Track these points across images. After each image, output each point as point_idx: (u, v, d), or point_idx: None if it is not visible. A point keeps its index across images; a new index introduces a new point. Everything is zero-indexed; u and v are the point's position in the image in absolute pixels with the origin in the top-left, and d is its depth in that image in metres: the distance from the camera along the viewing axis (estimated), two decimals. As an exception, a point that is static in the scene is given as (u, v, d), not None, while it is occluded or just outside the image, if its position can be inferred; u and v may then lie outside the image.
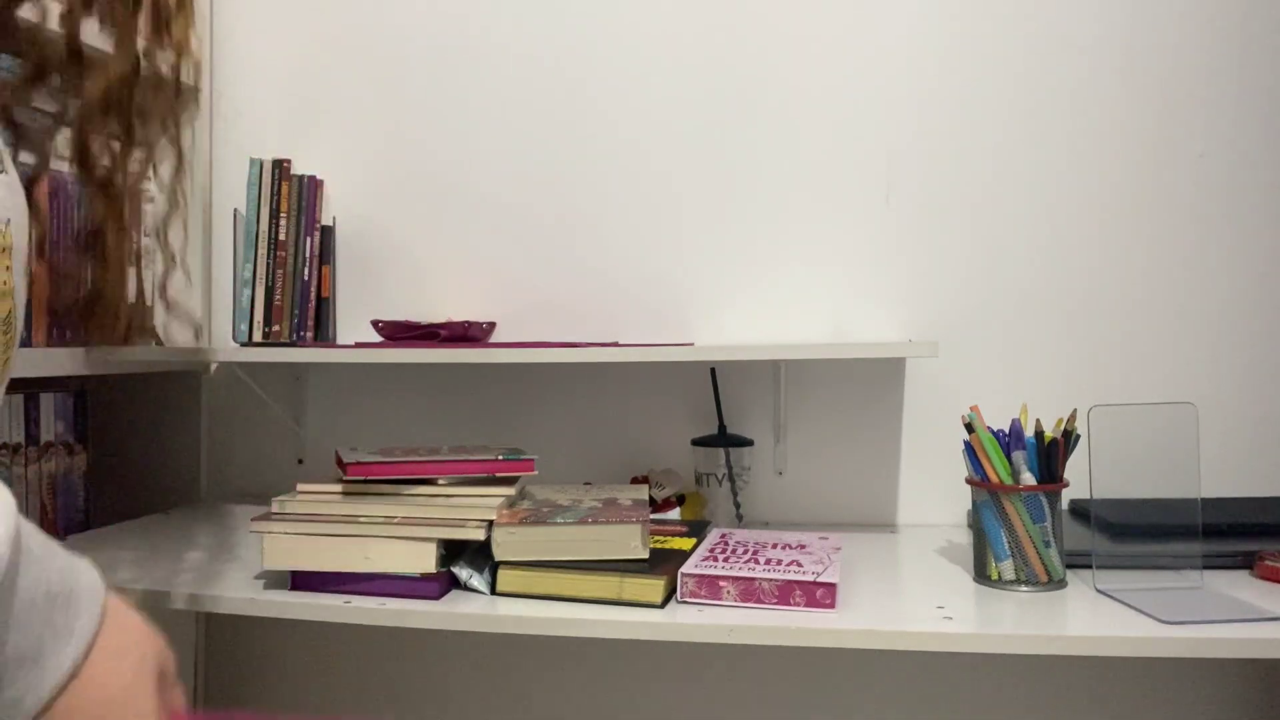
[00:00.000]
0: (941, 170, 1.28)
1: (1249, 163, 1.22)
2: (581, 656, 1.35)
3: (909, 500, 1.29)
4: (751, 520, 1.29)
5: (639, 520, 0.90)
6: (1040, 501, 0.91)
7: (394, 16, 1.40)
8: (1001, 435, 0.94)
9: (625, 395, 1.35)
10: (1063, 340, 1.25)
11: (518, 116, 1.37)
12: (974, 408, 0.97)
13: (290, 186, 1.29)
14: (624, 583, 0.87)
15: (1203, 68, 1.23)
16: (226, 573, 0.99)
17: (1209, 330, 1.23)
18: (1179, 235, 1.23)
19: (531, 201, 1.37)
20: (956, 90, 1.27)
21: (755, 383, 1.31)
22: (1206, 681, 1.21)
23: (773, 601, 0.86)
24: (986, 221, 1.27)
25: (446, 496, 0.93)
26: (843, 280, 1.30)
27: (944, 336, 1.28)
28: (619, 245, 1.35)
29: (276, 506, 0.92)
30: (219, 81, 1.44)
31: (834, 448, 1.30)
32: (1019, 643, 0.79)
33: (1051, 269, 1.26)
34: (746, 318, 1.32)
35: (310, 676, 1.41)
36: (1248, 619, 0.81)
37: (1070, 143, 1.25)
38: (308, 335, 1.28)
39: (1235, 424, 1.22)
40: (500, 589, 0.91)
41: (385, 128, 1.41)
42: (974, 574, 0.97)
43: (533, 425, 1.37)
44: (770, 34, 1.31)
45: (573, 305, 1.35)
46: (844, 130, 1.30)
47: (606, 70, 1.35)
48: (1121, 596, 0.88)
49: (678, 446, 1.33)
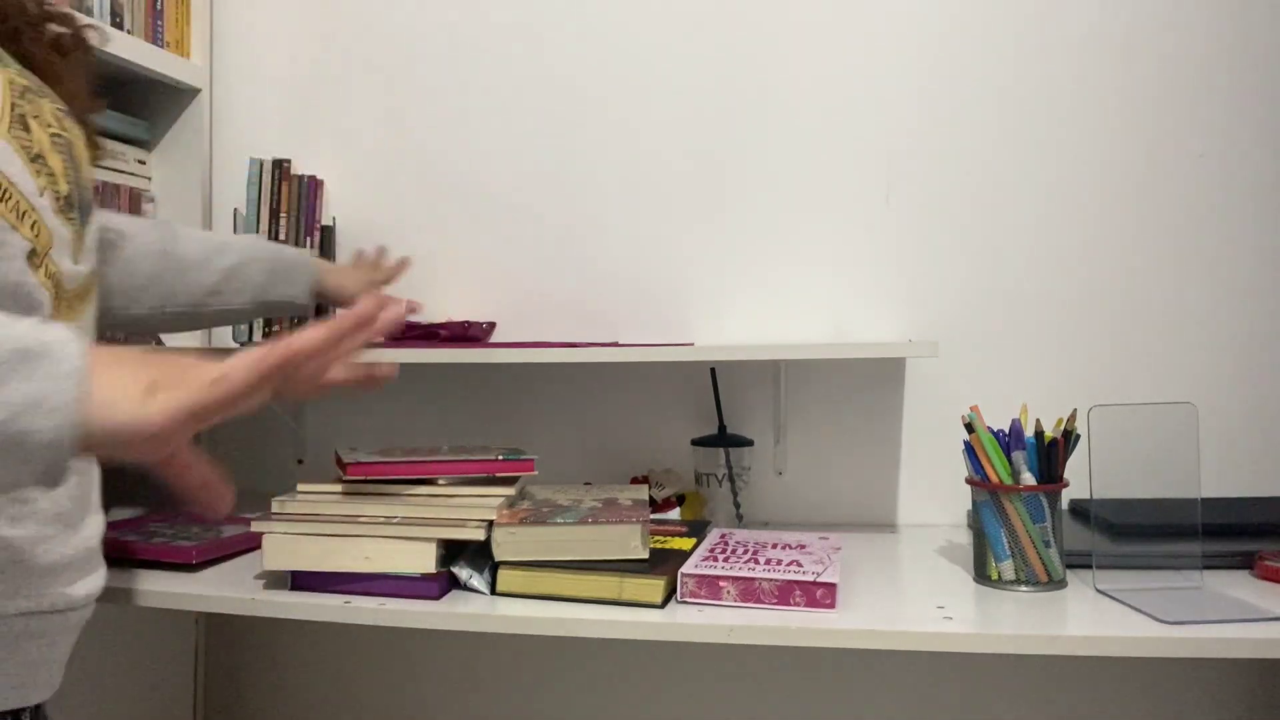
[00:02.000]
0: (941, 170, 1.28)
1: (1248, 163, 1.22)
2: (581, 656, 1.35)
3: (909, 500, 1.29)
4: (751, 520, 1.29)
5: (639, 520, 0.90)
6: (1040, 501, 0.91)
7: (394, 16, 1.40)
8: (1001, 435, 0.94)
9: (625, 395, 1.35)
10: (1063, 340, 1.25)
11: (518, 116, 1.37)
12: (974, 408, 0.97)
13: (290, 186, 1.29)
14: (624, 583, 0.87)
15: (1202, 68, 1.23)
16: (226, 573, 0.99)
17: (1209, 330, 1.23)
18: (1179, 235, 1.23)
19: (532, 201, 1.37)
20: (956, 90, 1.27)
21: (755, 383, 1.31)
22: (1206, 681, 1.21)
23: (773, 601, 0.86)
24: (986, 221, 1.27)
25: (446, 496, 0.93)
26: (843, 280, 1.30)
27: (944, 336, 1.28)
28: (619, 245, 1.35)
29: (276, 506, 0.92)
30: (219, 81, 1.44)
31: (834, 448, 1.30)
32: (1019, 643, 0.79)
33: (1051, 269, 1.26)
34: (746, 318, 1.32)
35: (310, 676, 1.41)
36: (1248, 619, 0.81)
37: (1070, 143, 1.25)
38: None
39: (1235, 424, 1.22)
40: (500, 589, 0.91)
41: (385, 128, 1.41)
42: (974, 574, 0.97)
43: (533, 425, 1.37)
44: (771, 34, 1.31)
45: (573, 305, 1.35)
46: (844, 130, 1.30)
47: (607, 70, 1.35)
48: (1121, 596, 0.88)
49: (678, 446, 1.33)
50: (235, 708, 1.43)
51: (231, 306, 1.06)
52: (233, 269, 1.05)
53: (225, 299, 1.05)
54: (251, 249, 1.08)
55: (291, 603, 0.89)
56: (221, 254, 1.05)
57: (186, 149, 1.39)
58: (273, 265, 1.08)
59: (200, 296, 1.03)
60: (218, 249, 1.05)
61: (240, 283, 1.05)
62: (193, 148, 1.39)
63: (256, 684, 1.43)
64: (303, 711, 1.41)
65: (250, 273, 1.06)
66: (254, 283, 1.06)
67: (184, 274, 1.02)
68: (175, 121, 1.39)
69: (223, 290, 1.04)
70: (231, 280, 1.05)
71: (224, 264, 1.04)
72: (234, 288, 1.05)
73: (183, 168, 1.38)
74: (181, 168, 1.38)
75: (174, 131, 1.39)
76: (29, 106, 0.69)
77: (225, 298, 1.05)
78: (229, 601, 0.91)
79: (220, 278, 1.04)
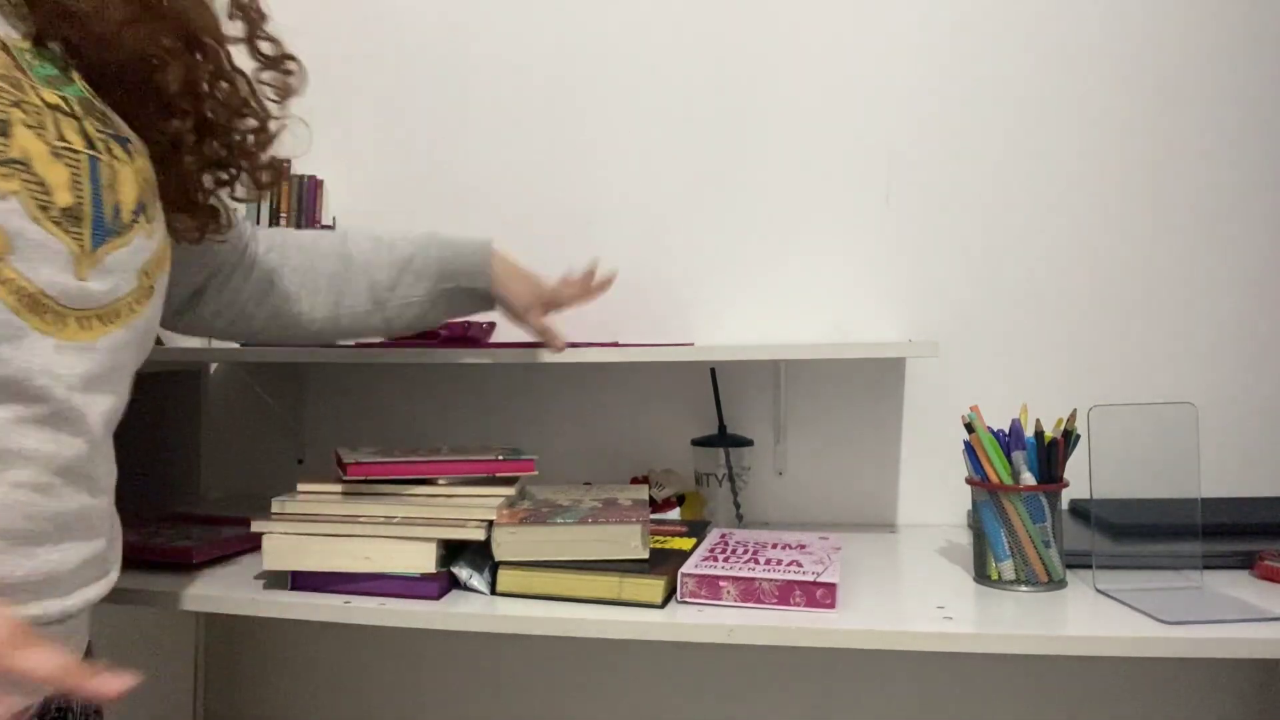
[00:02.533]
0: (941, 170, 1.28)
1: (1249, 163, 1.22)
2: (581, 656, 1.35)
3: (909, 500, 1.29)
4: (751, 520, 1.29)
5: (639, 520, 0.90)
6: (1040, 501, 0.91)
7: (394, 16, 1.40)
8: (1001, 435, 0.94)
9: (625, 395, 1.35)
10: (1063, 340, 1.25)
11: (518, 116, 1.37)
12: (974, 408, 0.97)
13: (290, 186, 1.29)
14: (624, 583, 0.87)
15: (1202, 68, 1.23)
16: (226, 573, 0.99)
17: (1209, 330, 1.23)
18: (1179, 235, 1.23)
19: (532, 201, 1.37)
20: (957, 90, 1.27)
21: (755, 383, 1.31)
22: (1206, 681, 1.21)
23: (773, 601, 0.86)
24: (986, 221, 1.27)
25: (446, 496, 0.93)
26: (843, 280, 1.30)
27: (944, 336, 1.28)
28: (619, 245, 1.35)
29: (276, 506, 0.92)
30: (219, 81, 1.44)
31: (834, 448, 1.30)
32: (1019, 643, 0.79)
33: (1051, 269, 1.26)
34: (746, 318, 1.32)
35: (310, 676, 1.41)
36: (1248, 619, 0.81)
37: (1071, 142, 1.25)
38: None
39: (1235, 424, 1.22)
40: (500, 589, 0.91)
41: (385, 128, 1.41)
42: (974, 574, 0.97)
43: (533, 425, 1.37)
44: (771, 34, 1.31)
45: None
46: (844, 130, 1.30)
47: (606, 70, 1.35)
48: (1121, 596, 0.88)
49: (678, 446, 1.33)
50: (235, 708, 1.43)
51: (411, 299, 1.03)
52: (405, 261, 1.02)
53: (402, 293, 1.02)
54: (425, 240, 1.05)
55: (291, 603, 0.89)
56: (393, 249, 1.03)
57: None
58: (446, 254, 1.04)
59: (379, 293, 1.01)
60: (390, 244, 1.03)
61: (414, 275, 1.03)
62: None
63: (256, 684, 1.43)
64: (303, 711, 1.41)
65: (423, 263, 1.03)
66: (429, 272, 1.03)
67: (359, 272, 1.01)
68: (175, 121, 1.39)
69: (397, 285, 1.02)
70: (405, 273, 1.02)
71: (395, 257, 1.02)
72: (407, 280, 1.02)
73: (183, 168, 1.38)
74: (181, 168, 1.38)
75: (174, 131, 1.39)
76: (34, 117, 0.68)
77: (401, 292, 1.02)
78: (229, 601, 0.91)
79: (394, 272, 1.02)
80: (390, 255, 1.02)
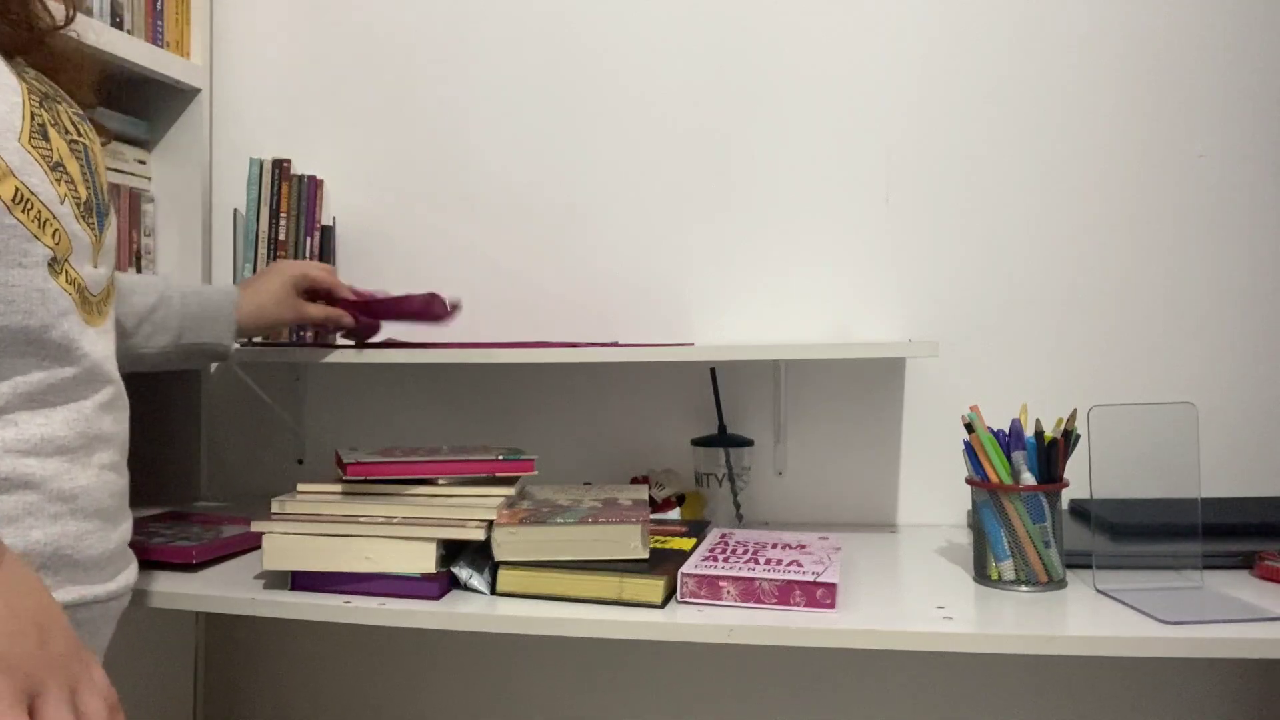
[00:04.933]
0: (941, 170, 1.28)
1: (1248, 163, 1.22)
2: (581, 656, 1.35)
3: (909, 500, 1.29)
4: (751, 520, 1.29)
5: (639, 520, 0.90)
6: (1040, 501, 0.91)
7: (394, 16, 1.40)
8: (1001, 435, 0.94)
9: (625, 395, 1.35)
10: (1063, 340, 1.25)
11: (518, 116, 1.37)
12: (974, 408, 0.97)
13: (290, 186, 1.29)
14: (624, 583, 0.87)
15: (1202, 68, 1.23)
16: (226, 573, 0.99)
17: (1209, 330, 1.23)
18: (1179, 235, 1.23)
19: (532, 201, 1.37)
20: (956, 90, 1.27)
21: (755, 383, 1.31)
22: (1206, 681, 1.21)
23: (773, 601, 0.86)
24: (986, 221, 1.27)
25: (446, 496, 0.93)
26: (843, 280, 1.30)
27: (944, 336, 1.28)
28: (619, 245, 1.35)
29: (276, 507, 0.92)
30: (219, 81, 1.44)
31: (834, 448, 1.30)
32: (1019, 643, 0.79)
33: (1051, 269, 1.26)
34: (747, 318, 1.32)
35: (310, 676, 1.41)
36: (1248, 619, 0.81)
37: (1070, 143, 1.25)
38: (307, 335, 1.28)
39: (1235, 424, 1.22)
40: (500, 589, 0.91)
41: (385, 128, 1.41)
42: (974, 574, 0.97)
43: (533, 425, 1.37)
44: (770, 33, 1.31)
45: (573, 305, 1.35)
46: (844, 130, 1.30)
47: (606, 71, 1.35)
48: (1121, 596, 0.88)
49: (678, 446, 1.33)
50: (235, 708, 1.43)
51: (149, 351, 0.98)
52: (148, 310, 0.98)
53: (140, 343, 0.98)
54: (167, 289, 1.00)
55: (291, 603, 0.89)
56: (142, 293, 0.97)
57: (186, 149, 1.38)
58: (189, 308, 1.01)
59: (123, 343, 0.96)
60: (140, 288, 0.98)
61: (152, 327, 0.98)
62: (193, 148, 1.38)
63: (256, 684, 1.43)
64: (303, 712, 1.41)
65: (164, 316, 0.99)
66: (170, 327, 1.00)
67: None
68: (175, 121, 1.39)
69: (135, 334, 0.97)
70: (143, 325, 0.98)
71: (140, 305, 0.97)
72: (146, 332, 0.98)
73: (183, 168, 1.38)
74: (181, 168, 1.38)
75: (174, 131, 1.39)
76: (47, 114, 0.69)
77: (139, 341, 0.98)
78: (229, 601, 0.91)
79: (135, 321, 0.97)
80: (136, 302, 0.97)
